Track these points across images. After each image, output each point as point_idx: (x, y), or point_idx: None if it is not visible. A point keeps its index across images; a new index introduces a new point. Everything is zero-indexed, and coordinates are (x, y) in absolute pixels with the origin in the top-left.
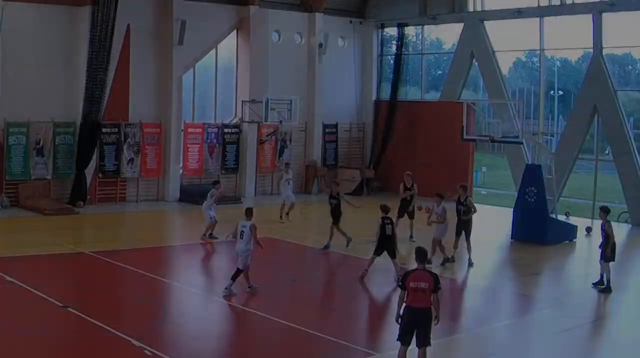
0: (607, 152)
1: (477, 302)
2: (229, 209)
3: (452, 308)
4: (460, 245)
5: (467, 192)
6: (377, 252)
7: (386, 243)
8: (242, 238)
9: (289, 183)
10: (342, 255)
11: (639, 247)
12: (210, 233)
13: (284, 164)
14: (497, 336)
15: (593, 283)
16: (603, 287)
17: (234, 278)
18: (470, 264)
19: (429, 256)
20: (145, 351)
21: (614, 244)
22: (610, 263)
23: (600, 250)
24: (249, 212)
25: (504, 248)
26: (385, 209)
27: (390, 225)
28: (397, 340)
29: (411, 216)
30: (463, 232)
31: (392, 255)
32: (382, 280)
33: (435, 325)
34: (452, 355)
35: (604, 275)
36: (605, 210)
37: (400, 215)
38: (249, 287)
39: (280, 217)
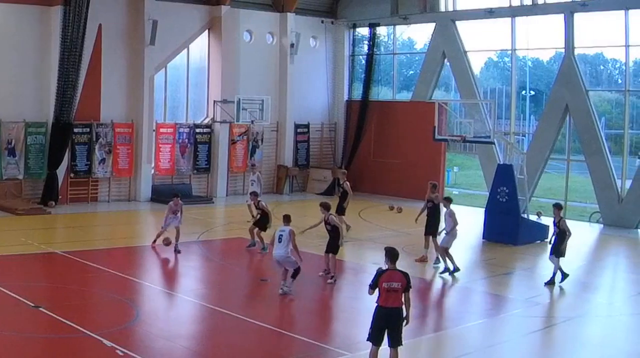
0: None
1: (449, 301)
2: (201, 209)
3: (424, 308)
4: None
5: (437, 191)
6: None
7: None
8: (280, 242)
9: (253, 184)
10: (315, 256)
11: (610, 247)
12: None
13: (250, 165)
14: (469, 336)
15: (545, 283)
16: (548, 281)
17: (293, 276)
18: (438, 262)
19: (442, 264)
20: (117, 351)
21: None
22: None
23: (551, 246)
24: (287, 218)
25: (475, 248)
26: (326, 206)
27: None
28: (368, 340)
29: (342, 212)
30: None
31: (334, 252)
32: (354, 279)
33: (404, 325)
34: (424, 355)
35: (555, 268)
36: (559, 207)
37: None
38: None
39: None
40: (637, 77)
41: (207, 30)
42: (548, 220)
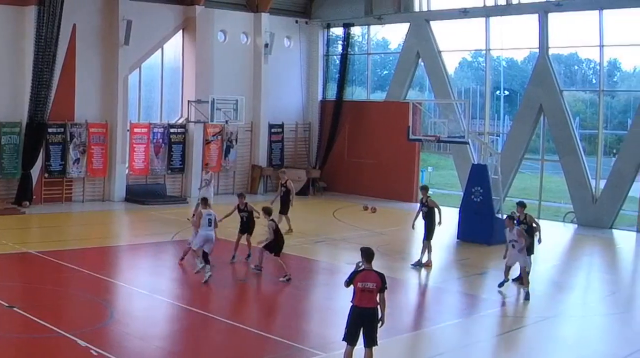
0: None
1: (424, 301)
2: (175, 209)
3: (399, 308)
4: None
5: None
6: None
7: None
8: (209, 225)
9: (208, 184)
10: (288, 256)
11: (584, 247)
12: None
13: (204, 164)
14: (444, 336)
15: (513, 280)
16: (515, 278)
17: (205, 258)
18: (420, 264)
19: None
20: (92, 351)
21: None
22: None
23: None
24: (205, 201)
25: (449, 248)
26: (268, 212)
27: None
28: (343, 340)
29: (285, 212)
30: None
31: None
32: (328, 279)
33: (380, 327)
34: (398, 354)
35: (522, 267)
36: (522, 205)
37: (281, 212)
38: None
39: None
40: (612, 77)
41: (181, 30)
42: None
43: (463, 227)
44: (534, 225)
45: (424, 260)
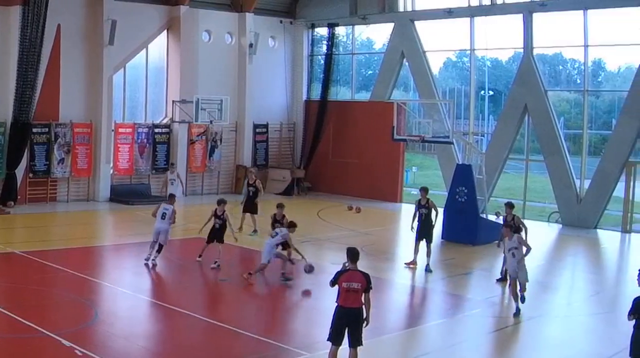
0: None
1: (409, 301)
2: None
3: (384, 308)
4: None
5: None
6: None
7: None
8: (163, 219)
9: (172, 183)
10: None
11: (569, 247)
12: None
13: (170, 164)
14: (429, 336)
15: (497, 280)
16: (500, 278)
17: (159, 251)
18: (429, 270)
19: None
20: (76, 351)
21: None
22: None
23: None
24: (171, 198)
25: (434, 248)
26: (293, 225)
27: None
28: (328, 339)
29: (254, 211)
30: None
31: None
32: (313, 279)
33: (365, 327)
34: (383, 354)
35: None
36: (510, 206)
37: (246, 211)
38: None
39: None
40: (596, 77)
41: (165, 30)
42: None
43: (447, 227)
44: (521, 226)
45: (411, 259)
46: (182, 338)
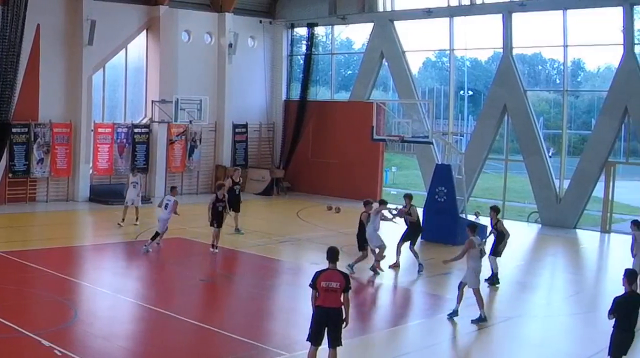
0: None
1: (388, 301)
2: (139, 209)
3: (364, 308)
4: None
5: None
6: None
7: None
8: (166, 208)
9: (135, 186)
10: (252, 255)
11: (548, 247)
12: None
13: (132, 168)
14: (408, 336)
15: (486, 280)
16: (490, 279)
17: (153, 238)
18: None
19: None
20: (55, 351)
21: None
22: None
23: (491, 247)
24: (173, 189)
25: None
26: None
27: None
28: (307, 340)
29: (238, 210)
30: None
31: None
32: (292, 279)
33: (344, 327)
34: (363, 354)
35: (493, 269)
36: (495, 210)
37: (234, 209)
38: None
39: (123, 220)
40: (575, 77)
41: (145, 30)
42: (487, 220)
43: (427, 227)
44: (504, 233)
45: (394, 261)
46: (161, 339)
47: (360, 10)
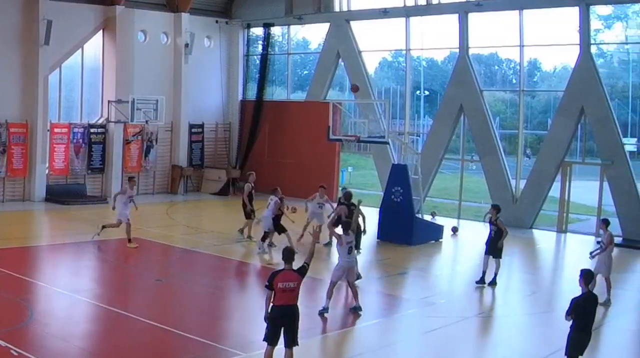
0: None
1: (344, 301)
2: (95, 209)
3: (320, 307)
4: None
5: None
6: None
7: None
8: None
9: (131, 201)
10: (208, 255)
11: (505, 247)
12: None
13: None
14: (364, 336)
15: (476, 282)
16: (490, 281)
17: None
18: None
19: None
20: (12, 351)
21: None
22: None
23: (485, 245)
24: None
25: (370, 248)
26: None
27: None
28: (264, 340)
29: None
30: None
31: None
32: (248, 279)
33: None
34: (319, 355)
35: (485, 270)
36: (496, 208)
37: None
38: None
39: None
40: (532, 77)
41: (101, 30)
42: (442, 220)
43: (383, 227)
44: (503, 231)
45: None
46: (118, 339)
47: (317, 10)
